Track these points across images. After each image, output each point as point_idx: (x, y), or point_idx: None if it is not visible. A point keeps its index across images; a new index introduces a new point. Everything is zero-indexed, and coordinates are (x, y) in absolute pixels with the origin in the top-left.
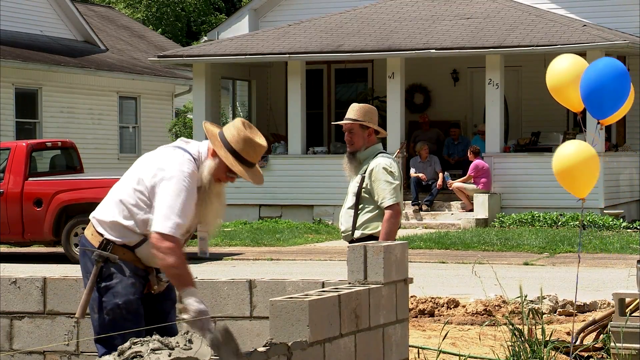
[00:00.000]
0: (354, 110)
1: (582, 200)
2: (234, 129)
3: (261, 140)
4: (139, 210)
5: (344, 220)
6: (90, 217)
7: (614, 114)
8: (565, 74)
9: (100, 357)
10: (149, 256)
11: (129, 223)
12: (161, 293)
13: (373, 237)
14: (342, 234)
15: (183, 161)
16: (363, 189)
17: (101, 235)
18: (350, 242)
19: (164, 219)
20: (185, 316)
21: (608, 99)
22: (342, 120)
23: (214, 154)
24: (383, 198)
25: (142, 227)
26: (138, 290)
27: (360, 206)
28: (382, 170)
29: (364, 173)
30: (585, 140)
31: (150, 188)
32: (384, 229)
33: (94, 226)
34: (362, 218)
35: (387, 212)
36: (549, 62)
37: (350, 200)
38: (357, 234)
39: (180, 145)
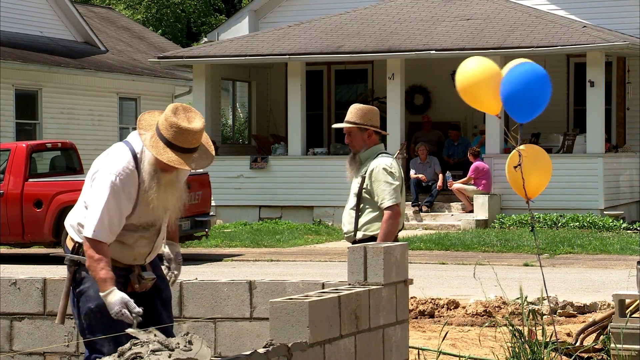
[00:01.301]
0: (352, 113)
1: (527, 201)
2: (163, 115)
3: (189, 123)
4: None
5: (346, 221)
6: (64, 223)
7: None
8: (475, 76)
9: None
10: (123, 254)
11: None
12: (151, 293)
13: (375, 238)
14: (345, 235)
15: (117, 159)
16: (364, 190)
17: (72, 240)
18: (352, 243)
19: (89, 223)
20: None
21: (531, 102)
22: (342, 121)
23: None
24: (382, 199)
25: None
26: None
27: (361, 207)
28: (382, 170)
29: (365, 174)
30: (585, 141)
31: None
32: (382, 230)
33: (68, 232)
34: (363, 219)
35: (386, 213)
36: (549, 64)
37: (351, 201)
38: (359, 235)
39: (128, 139)
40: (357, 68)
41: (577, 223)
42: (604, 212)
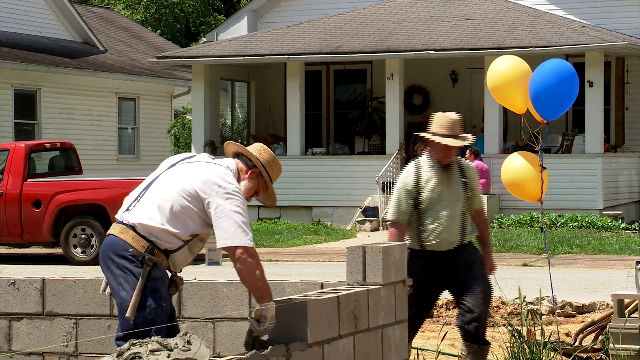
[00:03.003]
0: (460, 125)
1: (540, 202)
2: (264, 151)
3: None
4: (190, 220)
5: (456, 231)
6: (135, 221)
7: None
8: (506, 75)
9: None
10: (182, 261)
11: (177, 231)
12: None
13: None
14: (451, 245)
15: (234, 179)
16: (468, 194)
17: (144, 238)
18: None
19: (243, 233)
20: (260, 327)
21: (558, 99)
22: (456, 141)
23: (251, 176)
24: (482, 197)
25: (187, 235)
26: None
27: (463, 212)
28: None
29: (465, 179)
30: (583, 141)
31: (207, 203)
32: (487, 228)
33: (135, 230)
34: (467, 223)
35: (483, 211)
36: None
37: (457, 206)
38: (467, 240)
39: (219, 162)
40: (356, 68)
41: (576, 223)
42: (603, 212)
